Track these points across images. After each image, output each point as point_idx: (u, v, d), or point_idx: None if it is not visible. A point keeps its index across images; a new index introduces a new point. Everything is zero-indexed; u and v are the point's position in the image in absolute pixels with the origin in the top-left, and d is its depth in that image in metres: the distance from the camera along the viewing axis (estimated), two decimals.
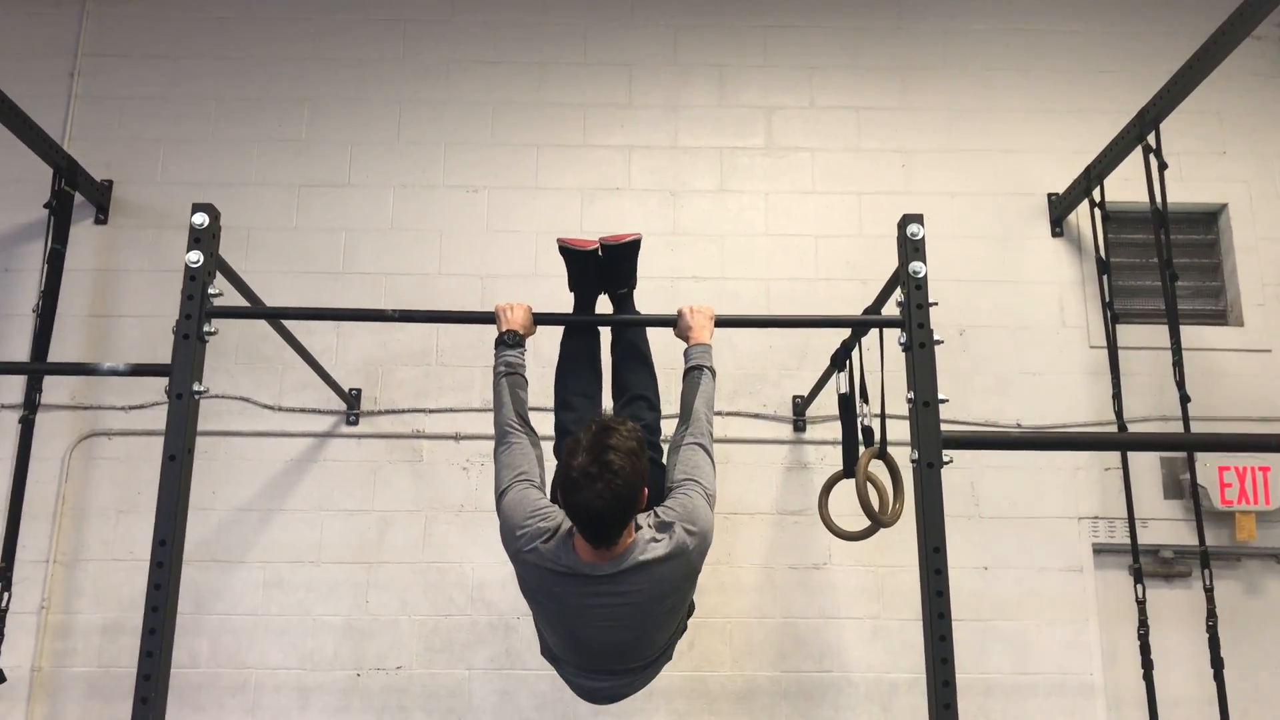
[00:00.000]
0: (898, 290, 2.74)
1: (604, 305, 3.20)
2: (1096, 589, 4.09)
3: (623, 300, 3.17)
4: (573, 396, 2.98)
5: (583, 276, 3.08)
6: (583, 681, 2.59)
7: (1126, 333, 4.21)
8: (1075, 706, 3.96)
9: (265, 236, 4.37)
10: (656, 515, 2.44)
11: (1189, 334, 4.20)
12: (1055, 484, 4.18)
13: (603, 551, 2.31)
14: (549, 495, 2.53)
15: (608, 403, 3.06)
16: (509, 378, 2.63)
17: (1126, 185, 4.14)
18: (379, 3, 4.67)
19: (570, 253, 3.00)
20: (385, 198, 4.45)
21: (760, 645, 4.01)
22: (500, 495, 2.49)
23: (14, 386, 4.12)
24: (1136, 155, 3.84)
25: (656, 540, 2.37)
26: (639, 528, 2.37)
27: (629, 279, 3.13)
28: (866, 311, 3.38)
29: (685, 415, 2.66)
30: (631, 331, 3.09)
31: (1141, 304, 4.41)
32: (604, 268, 3.06)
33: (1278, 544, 4.11)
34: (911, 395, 2.58)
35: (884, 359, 3.10)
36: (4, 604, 3.81)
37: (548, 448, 2.70)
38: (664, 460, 2.71)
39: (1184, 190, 4.40)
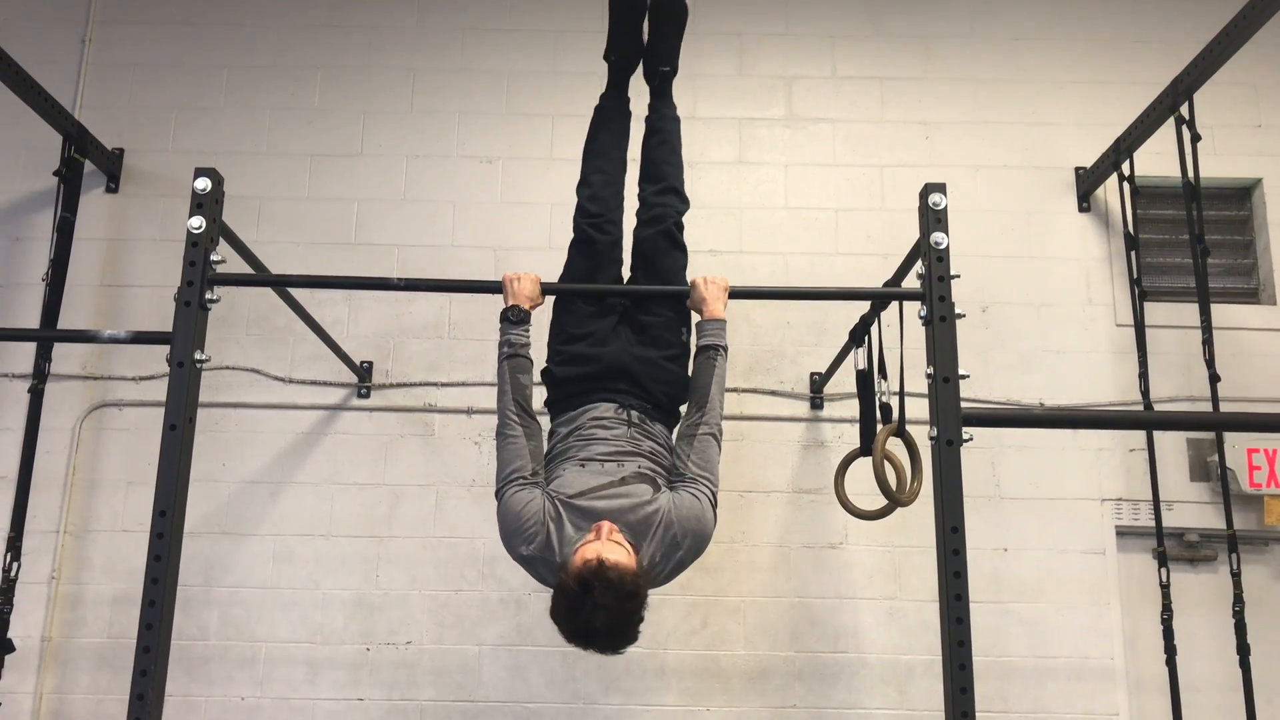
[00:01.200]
0: (918, 263, 2.65)
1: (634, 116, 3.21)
2: (1119, 572, 4.00)
3: (663, 83, 3.16)
4: (593, 175, 3.05)
5: (623, 32, 3.06)
6: None
7: (1154, 311, 4.09)
8: (1095, 691, 3.88)
9: (276, 206, 4.32)
10: (671, 515, 2.47)
11: (1218, 312, 4.07)
12: (1078, 465, 4.08)
13: None
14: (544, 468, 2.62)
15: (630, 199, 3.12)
16: (511, 360, 2.60)
17: (1157, 159, 4.01)
18: None
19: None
20: (398, 168, 4.39)
21: (774, 625, 3.96)
22: (497, 496, 2.54)
23: (24, 356, 4.09)
24: (1167, 128, 3.72)
25: (659, 562, 2.47)
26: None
27: (673, 56, 3.12)
28: (887, 284, 3.29)
29: (700, 400, 2.62)
30: (669, 124, 3.13)
31: (1170, 281, 4.29)
32: (652, 21, 3.06)
33: None
34: (931, 371, 2.50)
35: (904, 334, 3.02)
36: (14, 574, 3.80)
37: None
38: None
39: (1216, 164, 4.26)
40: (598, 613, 2.22)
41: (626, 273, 3.11)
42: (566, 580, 2.28)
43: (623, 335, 2.82)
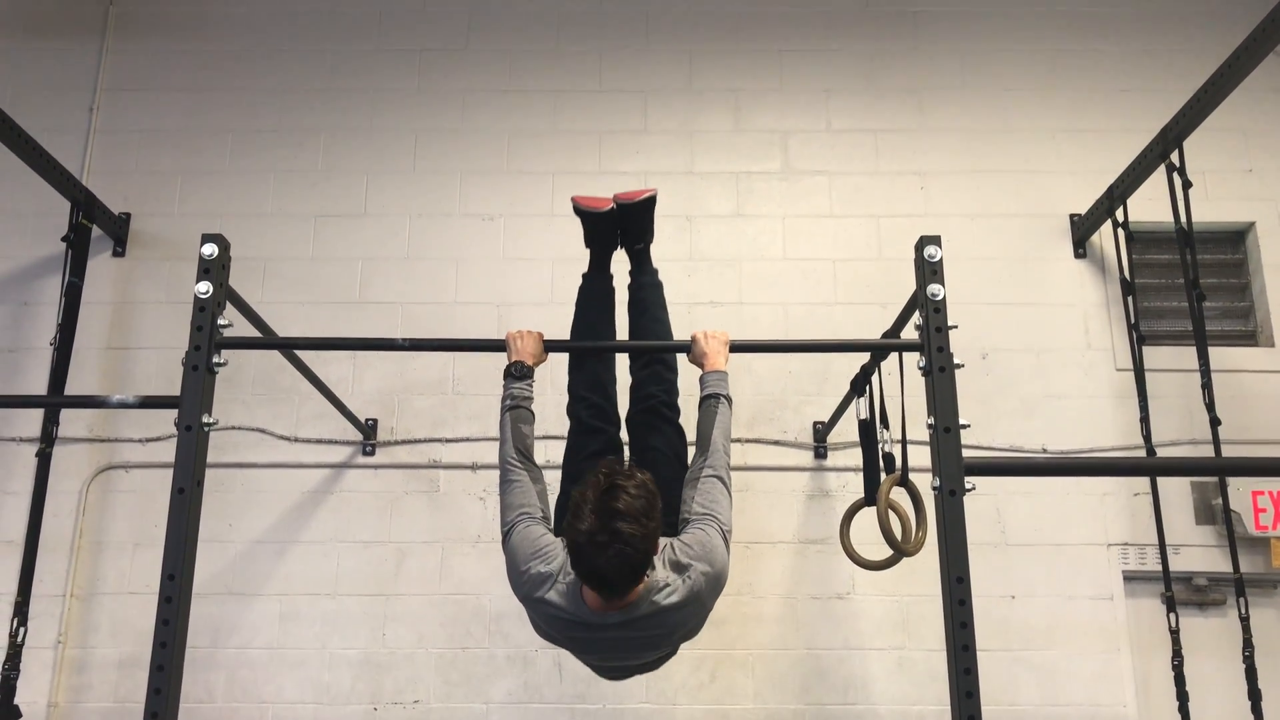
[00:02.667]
0: (916, 313, 2.68)
1: (617, 282, 3.19)
2: (1128, 617, 3.99)
3: (640, 255, 3.15)
4: (587, 359, 3.00)
5: (597, 233, 3.07)
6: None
7: (1153, 355, 4.12)
8: None
9: (281, 267, 4.37)
10: (673, 551, 2.40)
11: (1217, 355, 4.10)
12: (1083, 510, 4.08)
13: (614, 602, 2.28)
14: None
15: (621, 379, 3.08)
16: (513, 412, 2.61)
17: (1150, 205, 4.07)
18: (394, 33, 4.68)
19: (585, 213, 2.98)
20: (401, 227, 4.44)
21: (783, 677, 3.93)
22: (505, 536, 2.48)
23: (32, 420, 4.12)
24: (1159, 174, 3.78)
25: (669, 585, 2.34)
26: (652, 568, 2.32)
27: (646, 234, 3.11)
28: (885, 335, 3.32)
29: (703, 445, 2.62)
30: (648, 293, 3.10)
31: (1168, 325, 4.32)
32: (620, 224, 3.05)
33: None
34: (931, 421, 2.52)
35: (904, 384, 3.04)
36: (20, 639, 3.79)
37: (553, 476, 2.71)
38: (682, 425, 2.84)
39: (1209, 209, 4.34)
40: (620, 495, 2.17)
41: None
42: (586, 489, 2.23)
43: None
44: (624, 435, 3.01)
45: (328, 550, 4.07)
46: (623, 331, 3.21)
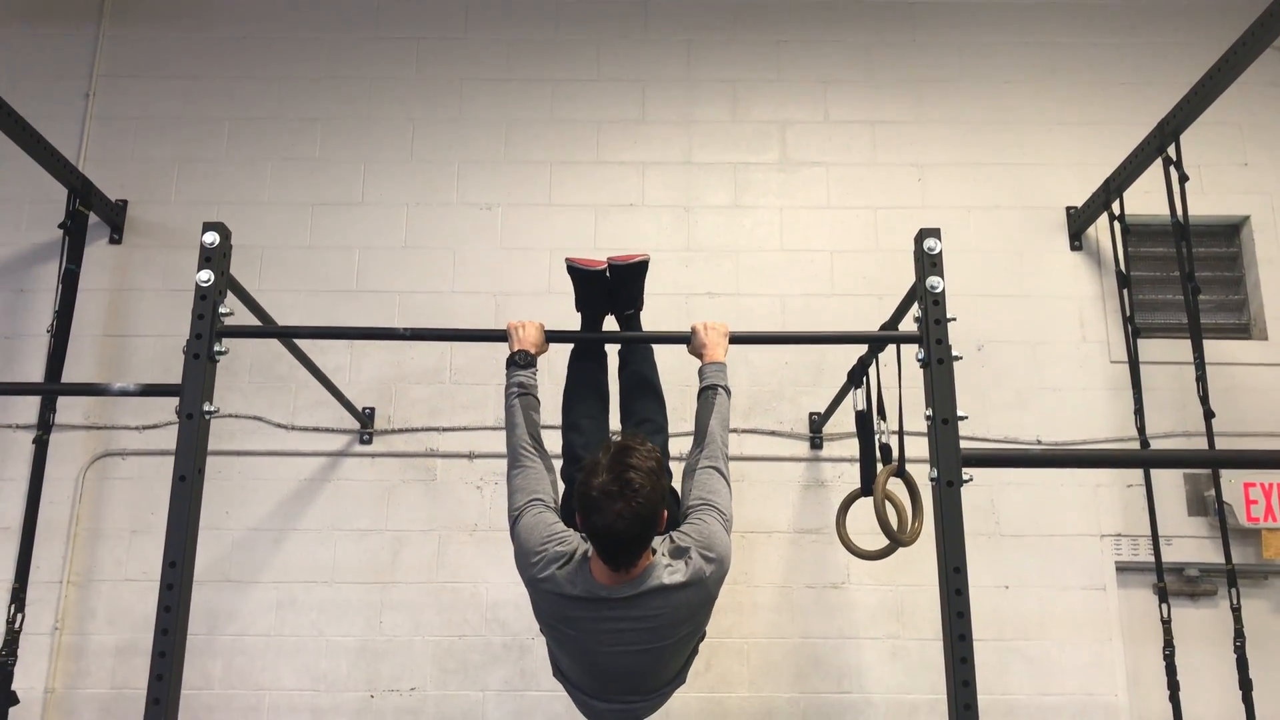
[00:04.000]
0: (915, 306, 2.70)
1: (610, 326, 3.19)
2: (1120, 608, 4.02)
3: (629, 321, 3.16)
4: (581, 419, 2.97)
5: (590, 296, 3.07)
6: (595, 703, 2.54)
7: (1148, 347, 4.14)
8: None
9: (279, 255, 4.37)
10: (671, 540, 2.41)
11: (1211, 348, 4.13)
12: (1077, 501, 4.11)
13: (621, 574, 2.28)
14: (563, 516, 2.50)
15: (615, 426, 3.06)
16: (522, 398, 2.60)
17: (1146, 198, 4.09)
18: (392, 22, 4.68)
19: (578, 272, 2.99)
20: (398, 216, 4.44)
21: (778, 666, 3.96)
22: (515, 519, 2.46)
23: (28, 407, 4.12)
24: (1156, 168, 3.80)
25: (673, 565, 2.34)
26: (654, 551, 2.33)
27: (635, 300, 3.13)
28: (883, 327, 3.34)
29: (700, 436, 2.63)
30: (638, 360, 3.10)
31: (1163, 318, 4.35)
32: (612, 288, 3.05)
33: None
34: (930, 412, 2.54)
35: (901, 375, 3.06)
36: (18, 625, 3.80)
37: (559, 465, 2.68)
38: (675, 484, 2.71)
39: (1205, 203, 4.36)
40: (632, 453, 2.22)
41: None
42: (599, 454, 2.27)
43: None
44: None
45: (325, 538, 4.08)
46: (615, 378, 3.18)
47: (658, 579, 2.31)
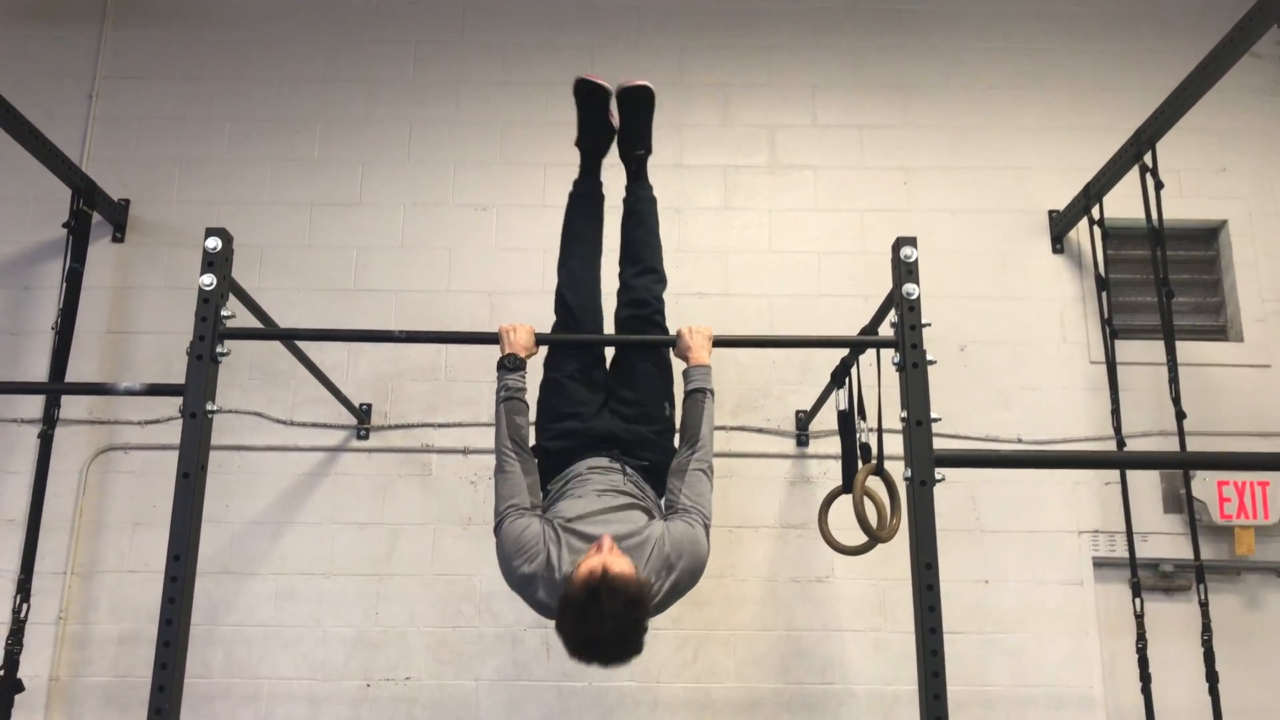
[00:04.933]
0: (893, 310, 2.79)
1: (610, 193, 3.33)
2: (1097, 602, 4.13)
3: (639, 164, 3.28)
4: (570, 260, 3.17)
5: (591, 120, 3.18)
6: None
7: (1127, 348, 4.25)
8: (1075, 718, 3.99)
9: (278, 254, 4.46)
10: (665, 544, 2.56)
11: (1189, 349, 4.26)
12: (1056, 497, 4.22)
13: None
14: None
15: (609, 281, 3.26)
16: (507, 403, 2.72)
17: (1127, 202, 4.16)
18: (390, 24, 4.76)
19: (583, 84, 3.13)
20: (396, 216, 4.54)
21: (763, 657, 4.07)
22: (496, 528, 2.63)
23: (34, 402, 4.22)
24: (1135, 173, 3.89)
25: (654, 585, 2.51)
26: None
27: (644, 138, 3.24)
28: (863, 331, 3.43)
29: (689, 438, 2.76)
30: (645, 206, 3.25)
31: (1143, 319, 4.44)
32: (619, 122, 3.19)
33: (1277, 558, 4.14)
34: (905, 414, 2.64)
35: (880, 377, 3.15)
36: (23, 615, 3.90)
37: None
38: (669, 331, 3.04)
39: (1184, 207, 4.46)
40: (605, 620, 2.29)
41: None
42: (573, 590, 2.36)
43: (608, 412, 2.96)
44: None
45: (322, 531, 4.18)
46: (610, 238, 3.34)
47: None
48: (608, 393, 3.02)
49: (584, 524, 2.56)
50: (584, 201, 3.26)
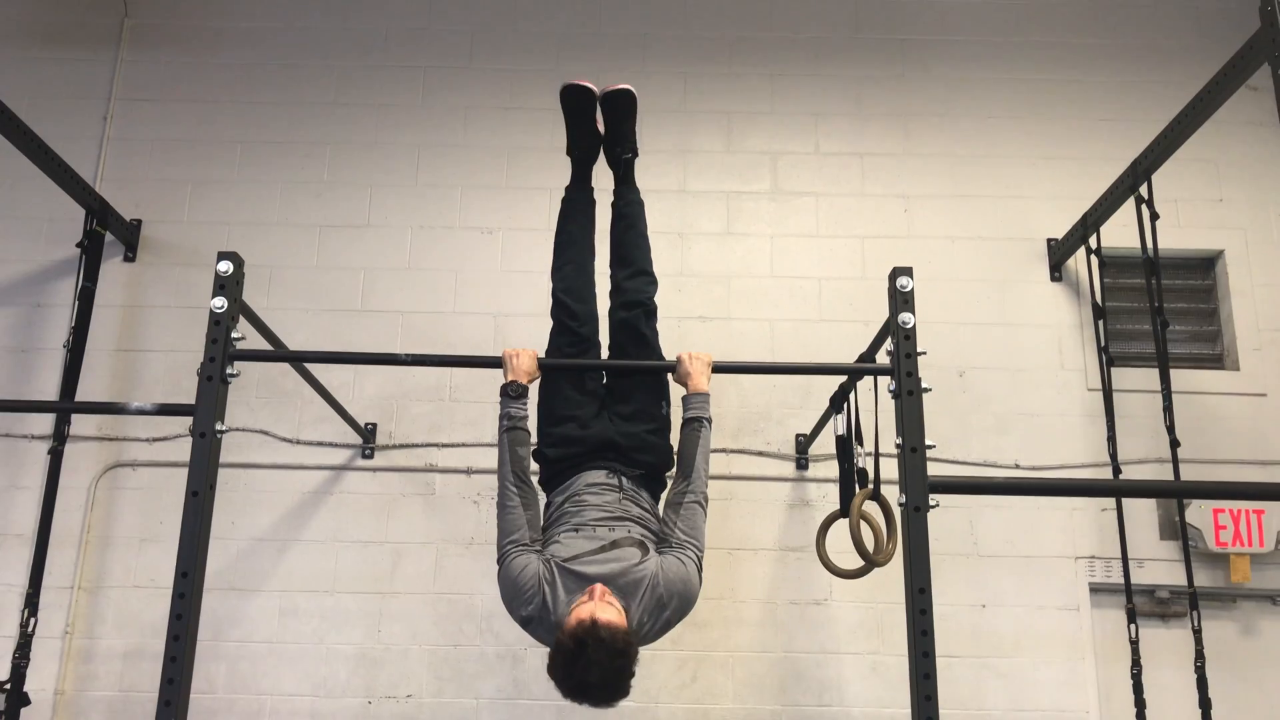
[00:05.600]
0: (889, 339, 2.85)
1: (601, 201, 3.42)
2: (1093, 628, 4.16)
3: (626, 168, 3.37)
4: (565, 265, 3.26)
5: (580, 125, 3.28)
6: None
7: (1124, 376, 4.30)
8: None
9: (287, 275, 4.52)
10: (659, 582, 2.64)
11: (1186, 377, 4.30)
12: (1053, 523, 4.25)
13: None
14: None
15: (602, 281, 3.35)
16: (510, 433, 2.79)
17: (1124, 231, 4.21)
18: (399, 50, 4.85)
19: (570, 89, 3.22)
20: (403, 238, 4.60)
21: (761, 679, 4.10)
22: (499, 563, 2.72)
23: (44, 419, 4.28)
24: (1132, 202, 3.94)
25: (645, 624, 2.64)
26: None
27: (628, 141, 3.33)
28: (862, 357, 3.48)
29: (685, 469, 2.82)
30: (633, 209, 3.34)
31: (1140, 347, 4.49)
32: (605, 124, 3.29)
33: (1272, 586, 4.17)
34: (900, 441, 2.68)
35: (878, 403, 3.20)
36: (31, 629, 3.95)
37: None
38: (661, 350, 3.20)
39: (1181, 236, 4.52)
40: (592, 669, 2.40)
41: (605, 351, 3.32)
42: (563, 639, 2.46)
43: (606, 415, 3.03)
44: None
45: (326, 549, 4.23)
46: (602, 240, 3.43)
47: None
48: (605, 395, 3.10)
49: (579, 564, 2.65)
50: (576, 208, 3.37)
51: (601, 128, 3.33)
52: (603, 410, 3.05)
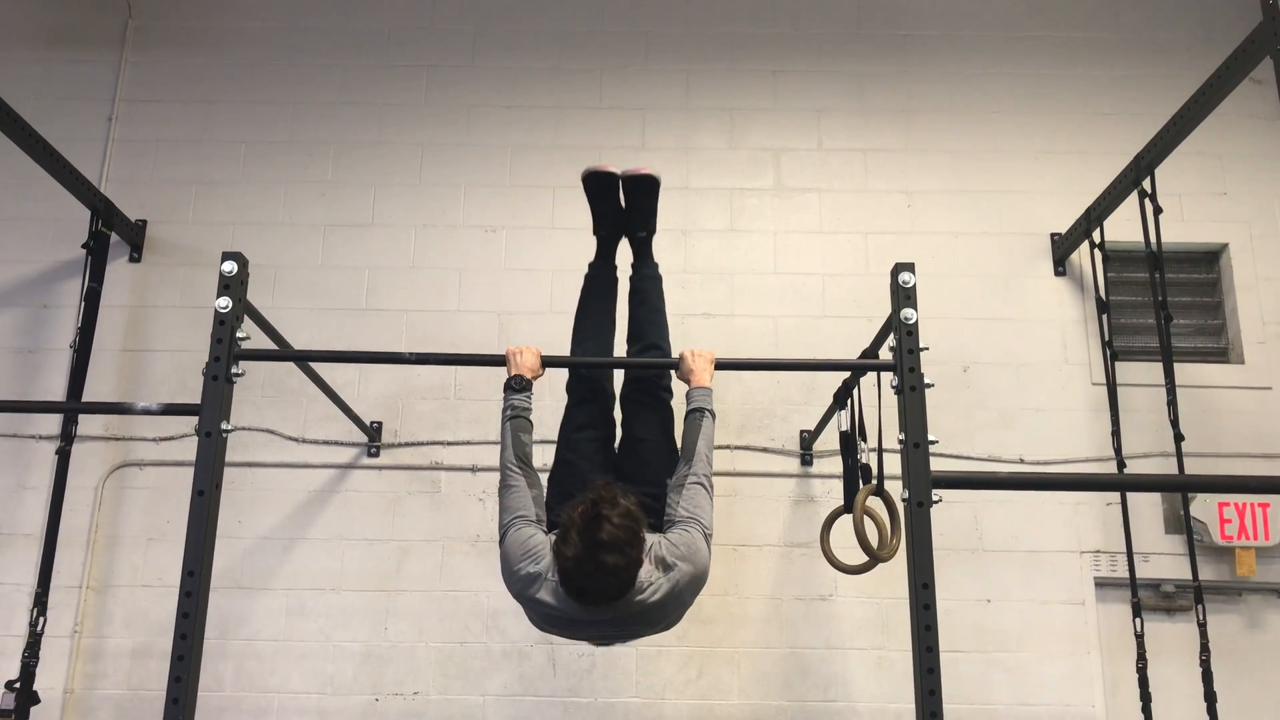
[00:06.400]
0: (892, 335, 2.85)
1: (622, 268, 3.44)
2: (1098, 622, 4.16)
3: (642, 245, 3.39)
4: (586, 340, 3.25)
5: (604, 209, 3.32)
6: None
7: (1128, 370, 4.29)
8: None
9: (292, 274, 4.54)
10: (660, 548, 2.59)
11: (1190, 371, 4.30)
12: (1058, 518, 4.26)
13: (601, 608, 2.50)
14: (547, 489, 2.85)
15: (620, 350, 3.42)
16: (513, 421, 2.80)
17: (1128, 225, 4.21)
18: (402, 49, 4.86)
19: (593, 175, 3.26)
20: (407, 237, 4.62)
21: (767, 675, 4.11)
22: (501, 538, 2.68)
23: (51, 419, 4.30)
24: (1135, 196, 3.94)
25: (654, 584, 2.53)
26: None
27: (648, 221, 3.36)
28: (865, 353, 3.49)
29: (687, 454, 2.82)
30: (649, 284, 3.35)
31: (1143, 341, 4.48)
32: (626, 203, 3.32)
33: (1278, 579, 4.17)
34: (902, 437, 2.69)
35: (881, 399, 3.21)
36: (40, 628, 3.97)
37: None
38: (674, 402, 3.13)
39: (1185, 230, 4.52)
40: (603, 525, 2.35)
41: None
42: (574, 514, 2.42)
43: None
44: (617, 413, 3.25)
45: (333, 547, 4.25)
46: (622, 318, 3.43)
47: (639, 602, 2.50)
48: (617, 473, 3.03)
49: None
50: (599, 284, 3.39)
51: (623, 201, 3.36)
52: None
